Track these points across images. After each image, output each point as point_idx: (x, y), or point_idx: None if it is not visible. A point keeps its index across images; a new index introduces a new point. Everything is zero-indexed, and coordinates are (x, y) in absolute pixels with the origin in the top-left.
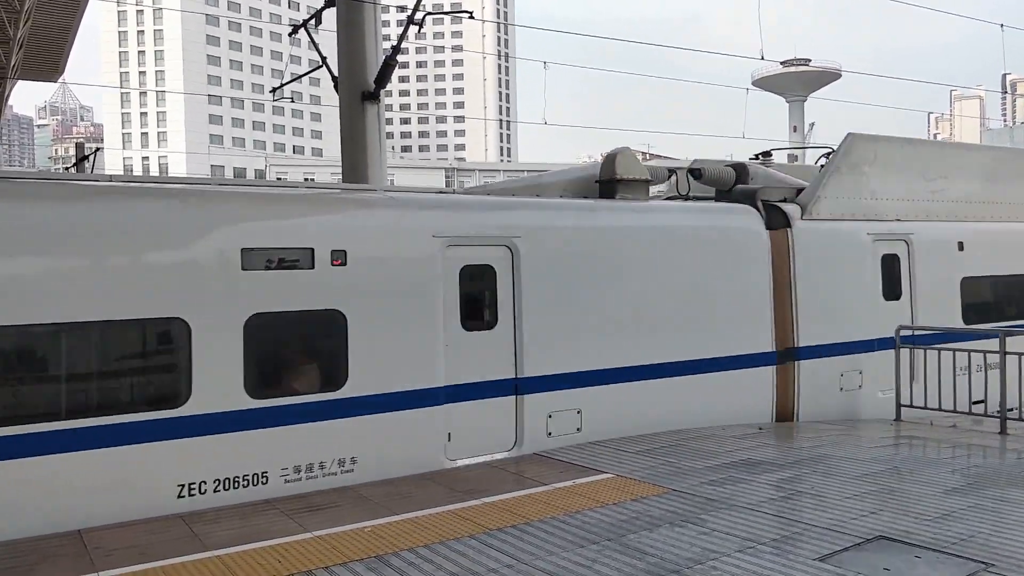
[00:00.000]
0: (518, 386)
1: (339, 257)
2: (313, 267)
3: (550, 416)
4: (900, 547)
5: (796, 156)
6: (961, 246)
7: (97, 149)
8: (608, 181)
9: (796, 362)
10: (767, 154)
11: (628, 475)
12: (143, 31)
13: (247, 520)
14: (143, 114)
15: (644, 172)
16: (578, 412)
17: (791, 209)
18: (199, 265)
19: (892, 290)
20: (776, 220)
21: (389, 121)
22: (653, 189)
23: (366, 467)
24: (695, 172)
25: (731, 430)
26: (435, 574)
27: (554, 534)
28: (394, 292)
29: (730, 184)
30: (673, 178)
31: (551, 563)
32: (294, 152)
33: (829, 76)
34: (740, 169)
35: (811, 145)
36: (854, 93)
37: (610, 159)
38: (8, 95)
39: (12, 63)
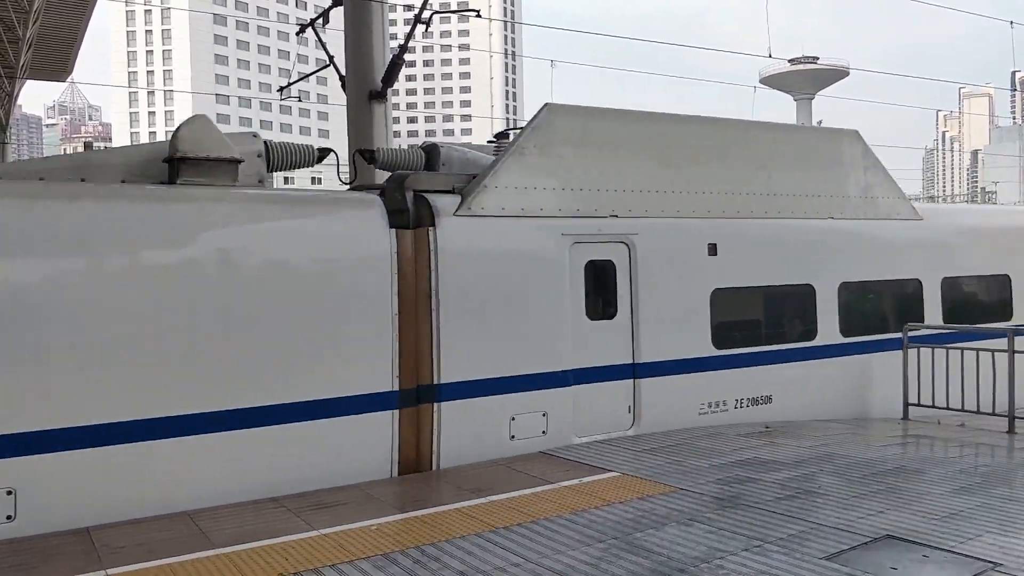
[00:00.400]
0: None
1: None
2: None
3: None
4: (907, 546)
5: None
6: (714, 249)
7: (105, 148)
8: (174, 160)
9: (436, 403)
10: (503, 135)
11: (634, 474)
12: (151, 31)
13: (254, 518)
14: (151, 113)
15: (226, 149)
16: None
17: (442, 202)
18: None
19: (602, 307)
20: (422, 216)
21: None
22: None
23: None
24: (366, 154)
25: (737, 429)
26: (442, 572)
27: (561, 533)
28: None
29: (411, 169)
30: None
31: (558, 562)
32: None
33: (837, 74)
34: (430, 151)
35: None
36: (862, 91)
37: (177, 131)
38: (17, 94)
39: (21, 62)
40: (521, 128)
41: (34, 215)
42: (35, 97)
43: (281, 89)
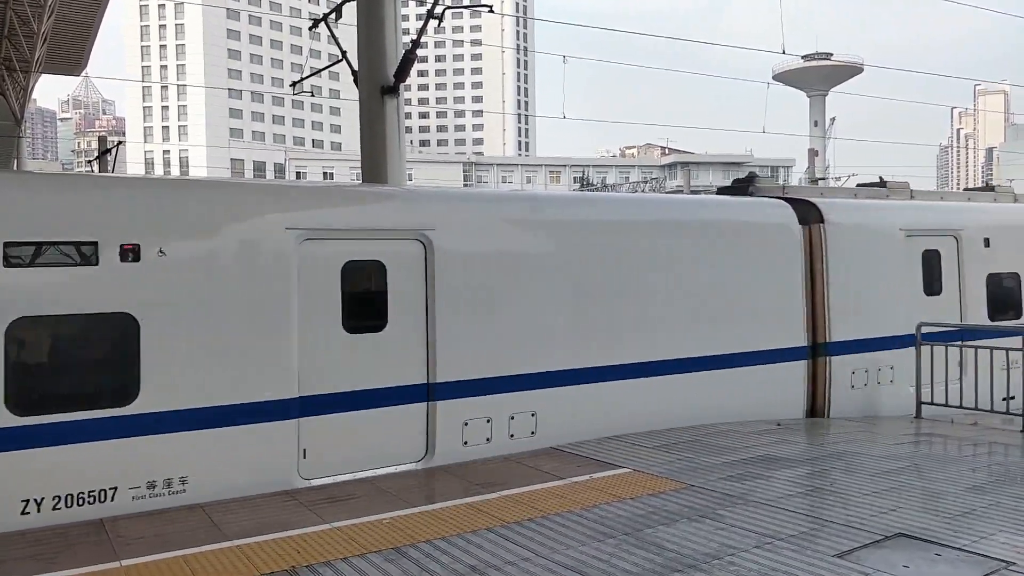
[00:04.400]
0: None
1: None
2: None
3: None
4: (920, 544)
5: (817, 151)
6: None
7: (120, 143)
8: None
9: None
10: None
11: (645, 470)
12: (164, 25)
13: (266, 511)
14: (164, 108)
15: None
16: None
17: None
18: None
19: None
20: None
21: (408, 115)
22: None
23: None
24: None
25: (749, 426)
26: (453, 566)
27: (571, 528)
28: None
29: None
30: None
31: (568, 557)
32: (313, 146)
33: (850, 70)
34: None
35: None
36: (876, 87)
37: None
38: (32, 88)
39: (36, 57)
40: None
41: None
42: (50, 91)
43: (294, 84)
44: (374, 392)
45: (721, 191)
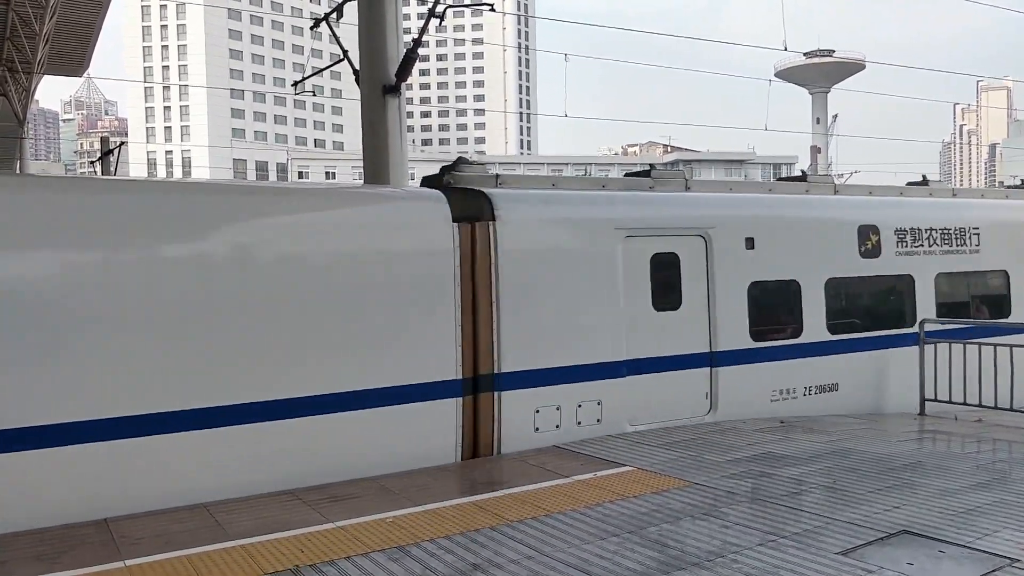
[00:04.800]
0: None
1: None
2: None
3: None
4: (924, 542)
5: (819, 148)
6: None
7: (122, 143)
8: None
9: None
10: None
11: (649, 468)
12: (166, 25)
13: (269, 510)
14: (167, 108)
15: None
16: None
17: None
18: None
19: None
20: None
21: (410, 114)
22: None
23: None
24: None
25: (752, 423)
26: (456, 564)
27: (575, 526)
28: None
29: None
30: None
31: (572, 555)
32: (315, 146)
33: (853, 67)
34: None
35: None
36: (878, 84)
37: None
38: (35, 89)
39: (38, 57)
40: None
41: None
42: (52, 92)
43: (296, 84)
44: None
45: (424, 182)
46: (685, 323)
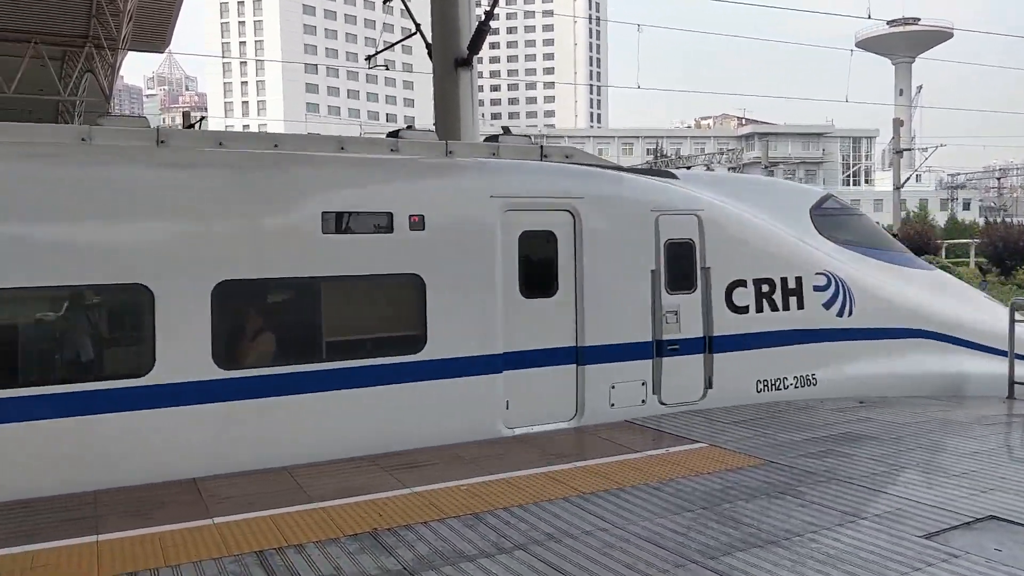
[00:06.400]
0: None
1: None
2: None
3: None
4: (1013, 528)
5: (902, 120)
6: None
7: (202, 118)
8: None
9: None
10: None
11: (722, 445)
12: (243, 2)
13: (348, 475)
14: (243, 83)
15: None
16: None
17: None
18: None
19: None
20: None
21: (480, 88)
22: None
23: None
24: None
25: (829, 403)
26: (530, 533)
27: (648, 500)
28: None
29: None
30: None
31: (644, 528)
32: (387, 120)
33: (939, 35)
34: None
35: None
36: (967, 52)
37: None
38: (120, 66)
39: (122, 35)
40: None
41: None
42: (135, 68)
43: (369, 58)
44: None
45: None
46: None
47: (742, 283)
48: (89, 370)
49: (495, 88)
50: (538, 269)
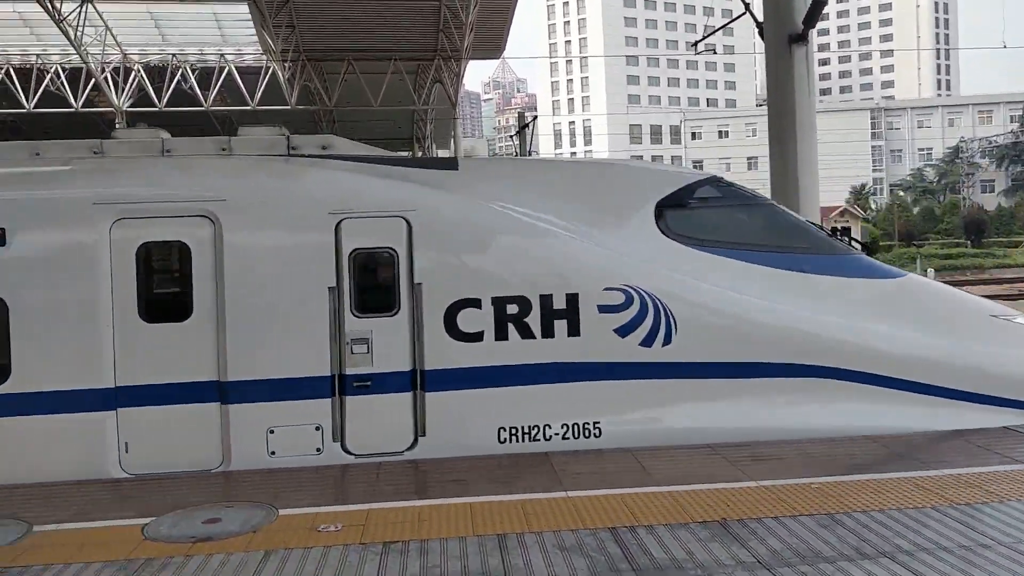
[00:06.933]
0: None
1: None
2: None
3: None
4: None
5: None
6: None
7: (534, 118)
8: None
9: None
10: None
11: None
12: (567, 2)
13: (692, 462)
14: (569, 81)
15: None
16: None
17: None
18: None
19: None
20: None
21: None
22: None
23: None
24: None
25: None
26: (895, 541)
27: None
28: None
29: None
30: None
31: None
32: (707, 105)
33: None
34: None
35: None
36: None
37: None
38: (463, 74)
39: (465, 45)
40: None
41: None
42: (473, 75)
43: (695, 44)
44: None
45: None
46: None
47: (473, 303)
48: None
49: (824, 62)
50: (166, 289)
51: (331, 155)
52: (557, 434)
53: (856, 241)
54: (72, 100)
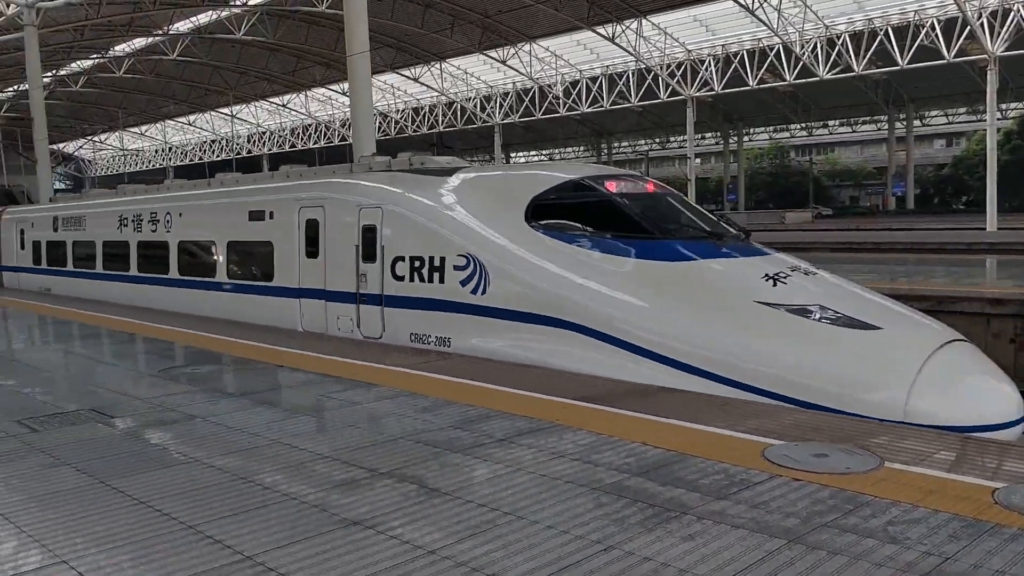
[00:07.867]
0: None
1: None
2: None
3: None
4: None
5: None
6: None
7: None
8: None
9: None
10: None
11: None
12: None
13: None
14: None
15: None
16: None
17: None
18: None
19: None
20: None
21: None
22: None
23: None
24: None
25: None
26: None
27: None
28: None
29: None
30: None
31: None
32: None
33: None
34: None
35: None
36: None
37: None
38: None
39: None
40: None
41: None
42: None
43: None
44: None
45: None
46: None
47: (401, 259)
48: None
49: None
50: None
51: (386, 169)
52: (432, 341)
53: (736, 227)
54: (944, 51)
